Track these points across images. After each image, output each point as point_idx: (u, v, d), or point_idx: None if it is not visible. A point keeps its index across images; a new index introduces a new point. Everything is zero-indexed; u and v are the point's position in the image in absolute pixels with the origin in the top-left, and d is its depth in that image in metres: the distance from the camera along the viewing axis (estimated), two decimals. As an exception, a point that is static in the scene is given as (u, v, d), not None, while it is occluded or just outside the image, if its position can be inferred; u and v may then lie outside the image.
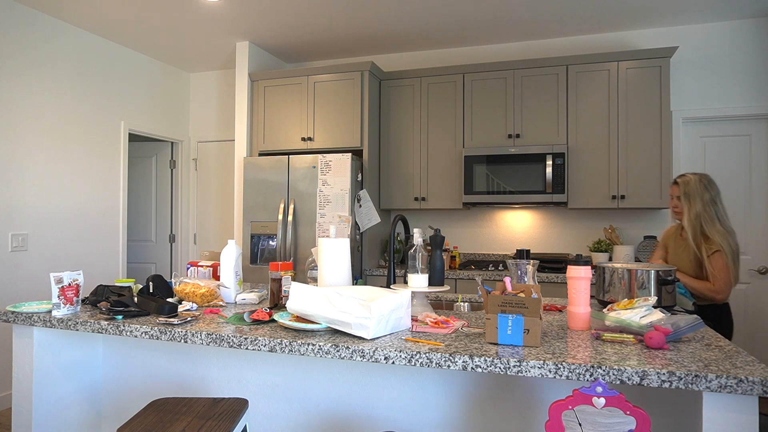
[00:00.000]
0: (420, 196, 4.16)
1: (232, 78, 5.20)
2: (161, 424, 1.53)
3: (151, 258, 5.29)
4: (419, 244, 1.97)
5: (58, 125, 3.91)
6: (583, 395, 1.22)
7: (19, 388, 1.98)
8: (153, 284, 2.16)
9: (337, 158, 3.83)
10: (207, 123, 5.28)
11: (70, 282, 1.94)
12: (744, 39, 3.82)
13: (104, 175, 4.32)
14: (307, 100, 4.20)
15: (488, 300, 1.51)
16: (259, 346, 1.59)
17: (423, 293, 2.04)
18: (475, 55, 4.45)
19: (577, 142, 3.80)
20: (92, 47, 4.20)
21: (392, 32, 4.15)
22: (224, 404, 1.68)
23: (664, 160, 3.62)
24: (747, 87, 3.81)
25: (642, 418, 1.18)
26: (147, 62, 4.78)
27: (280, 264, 2.05)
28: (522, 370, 1.34)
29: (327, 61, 4.87)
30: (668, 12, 3.70)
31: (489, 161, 3.88)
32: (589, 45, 4.15)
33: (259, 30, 4.13)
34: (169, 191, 5.26)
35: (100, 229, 4.27)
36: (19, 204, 3.63)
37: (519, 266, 1.91)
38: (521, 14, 3.77)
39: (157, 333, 1.72)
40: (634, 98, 3.70)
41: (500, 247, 4.30)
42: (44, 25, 3.79)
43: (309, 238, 3.90)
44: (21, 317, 1.92)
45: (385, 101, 4.28)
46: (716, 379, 1.22)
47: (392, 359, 1.45)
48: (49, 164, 3.85)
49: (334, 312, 1.60)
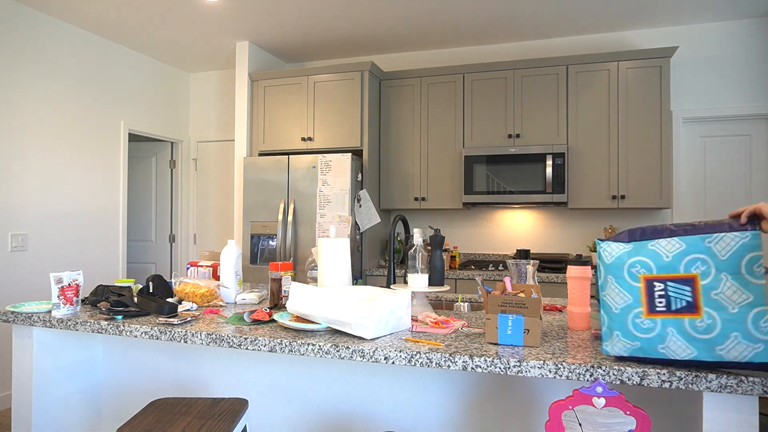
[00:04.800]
0: (420, 196, 4.16)
1: (232, 78, 5.20)
2: (161, 424, 1.53)
3: (151, 258, 5.28)
4: (419, 244, 1.97)
5: (57, 125, 3.91)
6: (583, 395, 1.22)
7: (19, 388, 1.98)
8: (153, 284, 2.16)
9: (337, 158, 3.83)
10: (207, 123, 5.28)
11: (69, 282, 1.94)
12: (744, 39, 3.82)
13: (104, 175, 4.32)
14: (307, 100, 4.20)
15: (488, 300, 1.51)
16: (259, 346, 1.59)
17: (423, 293, 2.04)
18: (475, 55, 4.45)
19: (577, 142, 3.80)
20: (92, 47, 4.20)
21: (392, 32, 4.15)
22: (224, 404, 1.68)
23: (664, 160, 3.62)
24: (747, 87, 3.81)
25: (642, 418, 1.18)
26: (147, 62, 4.78)
27: (280, 264, 2.05)
28: (522, 370, 1.34)
29: (327, 61, 4.87)
30: (668, 12, 3.70)
31: (489, 161, 3.88)
32: (589, 45, 4.15)
33: (259, 30, 4.13)
34: (169, 191, 5.26)
35: (100, 229, 4.27)
36: (19, 204, 3.63)
37: (519, 266, 1.91)
38: (521, 14, 3.77)
39: (157, 333, 1.72)
40: (634, 98, 3.69)
41: (500, 247, 4.30)
42: (44, 25, 3.79)
43: (309, 238, 3.89)
44: (21, 317, 1.92)
45: (385, 101, 4.28)
46: (716, 379, 1.22)
47: (392, 359, 1.45)
48: (49, 164, 3.85)
49: (334, 312, 1.60)
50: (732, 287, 1.21)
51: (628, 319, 1.31)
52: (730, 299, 1.21)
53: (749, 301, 1.20)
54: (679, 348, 1.25)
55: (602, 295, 1.38)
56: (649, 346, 1.28)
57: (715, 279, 1.23)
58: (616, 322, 1.33)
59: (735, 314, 1.21)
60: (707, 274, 1.24)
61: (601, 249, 1.39)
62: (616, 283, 1.34)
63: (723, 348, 1.21)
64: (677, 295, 1.27)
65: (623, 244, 1.36)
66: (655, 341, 1.28)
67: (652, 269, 1.30)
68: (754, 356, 1.19)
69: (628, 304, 1.32)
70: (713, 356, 1.22)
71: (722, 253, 1.23)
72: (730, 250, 1.22)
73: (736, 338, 1.20)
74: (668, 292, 1.27)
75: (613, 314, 1.34)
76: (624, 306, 1.32)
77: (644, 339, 1.29)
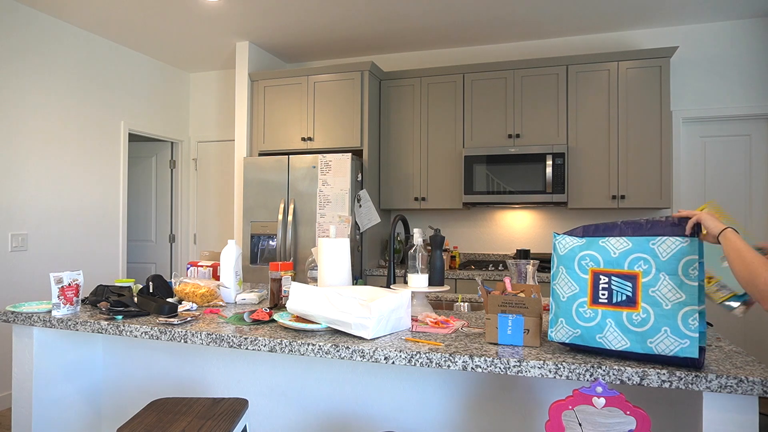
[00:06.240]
0: (420, 196, 4.16)
1: (232, 78, 5.20)
2: (161, 424, 1.53)
3: (151, 258, 5.29)
4: (419, 244, 1.97)
5: (58, 125, 3.91)
6: (583, 395, 1.22)
7: (19, 388, 1.98)
8: (153, 284, 2.16)
9: (337, 158, 3.83)
10: (207, 123, 5.28)
11: (70, 282, 1.94)
12: (744, 39, 3.82)
13: (104, 175, 4.32)
14: (307, 100, 4.20)
15: (488, 300, 1.51)
16: (259, 346, 1.59)
17: (423, 293, 2.04)
18: (475, 55, 4.45)
19: (577, 142, 3.80)
20: (92, 47, 4.20)
21: (392, 32, 4.15)
22: (224, 404, 1.68)
23: (664, 160, 3.62)
24: (747, 87, 3.81)
25: (642, 418, 1.18)
26: (147, 62, 4.78)
27: (280, 264, 2.05)
28: (522, 370, 1.34)
29: (327, 61, 4.87)
30: (668, 12, 3.70)
31: (489, 161, 3.88)
32: (589, 45, 4.15)
33: (259, 30, 4.13)
34: (169, 191, 5.26)
35: (100, 229, 4.27)
36: (19, 204, 3.63)
37: (519, 266, 1.91)
38: (521, 14, 3.77)
39: (157, 333, 1.72)
40: (634, 98, 3.69)
41: (500, 247, 4.30)
42: (45, 26, 3.79)
43: (309, 238, 3.89)
44: (21, 317, 1.92)
45: (385, 101, 4.28)
46: (716, 379, 1.22)
47: (392, 359, 1.45)
48: (49, 164, 3.85)
49: (334, 312, 1.60)
50: (668, 286, 1.30)
51: (573, 308, 1.40)
52: (665, 297, 1.30)
53: (682, 300, 1.28)
54: (615, 339, 1.34)
55: (553, 284, 1.46)
56: (589, 335, 1.37)
57: (654, 278, 1.32)
58: (563, 309, 1.42)
59: (668, 310, 1.29)
60: (648, 273, 1.33)
61: (557, 241, 1.48)
62: (566, 273, 1.43)
63: (653, 341, 1.30)
64: (619, 288, 1.36)
65: (577, 238, 1.45)
66: (594, 330, 1.36)
67: (600, 263, 1.39)
68: (679, 350, 1.26)
69: (574, 293, 1.41)
70: (644, 348, 1.30)
71: (663, 254, 1.32)
72: (670, 252, 1.32)
73: (665, 332, 1.28)
74: (612, 285, 1.36)
75: (561, 302, 1.43)
76: (571, 295, 1.41)
77: (585, 328, 1.38)
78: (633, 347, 1.31)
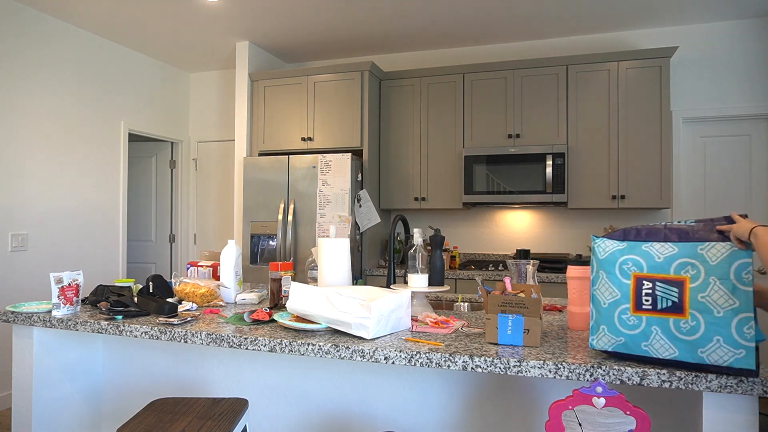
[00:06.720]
0: (420, 196, 4.16)
1: (232, 78, 5.20)
2: (161, 424, 1.53)
3: (151, 258, 5.28)
4: (419, 244, 1.97)
5: (58, 125, 3.91)
6: (583, 395, 1.22)
7: (19, 388, 1.98)
8: (153, 284, 2.16)
9: (337, 158, 3.83)
10: (207, 123, 5.28)
11: (70, 282, 1.94)
12: (744, 39, 3.82)
13: (104, 175, 4.32)
14: (307, 100, 4.20)
15: (488, 300, 1.51)
16: (259, 346, 1.59)
17: (423, 293, 2.04)
18: (475, 55, 4.45)
19: (577, 142, 3.80)
20: (92, 47, 4.20)
21: (392, 32, 4.15)
22: (224, 404, 1.68)
23: (664, 160, 3.62)
24: (747, 87, 3.81)
25: (642, 418, 1.18)
26: (147, 62, 4.78)
27: (280, 264, 2.05)
28: (522, 370, 1.34)
29: (327, 61, 4.87)
30: (668, 12, 3.70)
31: (489, 161, 3.88)
32: (589, 45, 4.15)
33: (259, 30, 4.13)
34: (169, 191, 5.26)
35: (100, 229, 4.27)
36: (19, 204, 3.63)
37: (519, 266, 1.91)
38: (521, 14, 3.77)
39: (157, 333, 1.72)
40: (634, 98, 3.69)
41: (500, 247, 4.30)
42: (44, 26, 3.79)
43: (309, 238, 3.89)
44: (21, 317, 1.92)
45: (385, 101, 4.28)
46: (716, 379, 1.22)
47: (392, 359, 1.45)
48: (49, 164, 3.85)
49: (334, 312, 1.60)
50: (719, 291, 1.22)
51: (615, 315, 1.34)
52: (717, 303, 1.22)
53: (735, 306, 1.20)
54: (662, 347, 1.27)
55: (593, 290, 1.40)
56: (633, 343, 1.31)
57: (704, 282, 1.25)
58: (604, 316, 1.36)
59: (720, 318, 1.21)
60: (697, 278, 1.26)
61: (596, 245, 1.42)
62: (607, 278, 1.37)
63: (705, 350, 1.22)
64: (664, 294, 1.29)
65: (617, 242, 1.39)
66: (639, 338, 1.30)
67: (643, 268, 1.32)
68: (734, 361, 1.20)
69: (616, 299, 1.35)
70: (695, 358, 1.24)
71: (713, 259, 1.25)
72: (721, 256, 1.24)
73: (718, 341, 1.21)
74: (656, 291, 1.30)
75: (602, 309, 1.37)
76: (613, 301, 1.35)
77: (629, 335, 1.32)
78: (682, 356, 1.25)
